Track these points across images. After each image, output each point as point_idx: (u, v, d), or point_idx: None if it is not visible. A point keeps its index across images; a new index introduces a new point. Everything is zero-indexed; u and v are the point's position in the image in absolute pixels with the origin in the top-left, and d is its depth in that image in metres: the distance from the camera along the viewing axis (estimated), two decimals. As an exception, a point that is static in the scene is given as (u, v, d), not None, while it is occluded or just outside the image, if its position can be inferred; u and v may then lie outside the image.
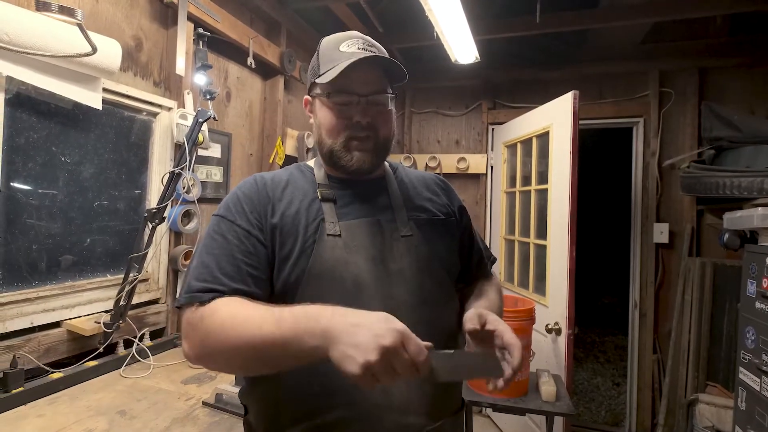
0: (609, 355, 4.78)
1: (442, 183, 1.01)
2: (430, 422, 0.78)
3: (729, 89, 2.85)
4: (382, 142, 0.86)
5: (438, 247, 0.87)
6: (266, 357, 0.66)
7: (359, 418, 0.74)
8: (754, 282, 1.90)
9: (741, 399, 1.90)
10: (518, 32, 2.77)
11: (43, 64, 1.26)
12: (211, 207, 2.09)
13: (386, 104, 0.86)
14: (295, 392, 0.76)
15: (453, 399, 0.87)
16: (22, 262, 1.34)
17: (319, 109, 0.86)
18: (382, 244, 0.81)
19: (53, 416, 1.14)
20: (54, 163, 1.41)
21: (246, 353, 0.67)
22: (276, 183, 0.85)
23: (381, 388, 0.73)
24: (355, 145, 0.83)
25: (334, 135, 0.84)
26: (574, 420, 3.15)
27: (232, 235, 0.77)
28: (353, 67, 0.78)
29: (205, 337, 0.69)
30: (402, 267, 0.81)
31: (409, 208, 0.88)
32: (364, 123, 0.82)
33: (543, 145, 2.62)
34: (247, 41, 2.13)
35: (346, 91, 0.82)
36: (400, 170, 0.98)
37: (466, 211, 1.01)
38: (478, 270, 1.01)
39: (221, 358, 0.70)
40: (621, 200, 3.97)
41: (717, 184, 2.35)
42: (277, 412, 0.79)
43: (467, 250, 0.99)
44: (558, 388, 1.93)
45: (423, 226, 0.87)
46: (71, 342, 1.42)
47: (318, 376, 0.75)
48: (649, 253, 2.98)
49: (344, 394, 0.74)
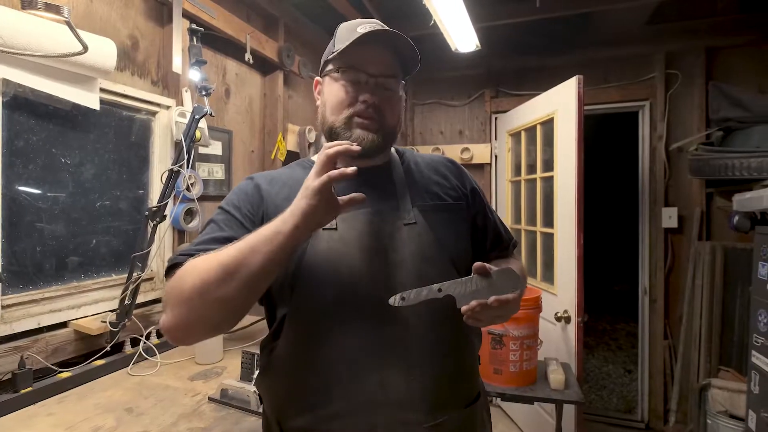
0: (620, 342, 4.74)
1: (452, 165, 0.97)
2: (431, 417, 0.76)
3: (737, 68, 2.78)
4: (387, 128, 0.84)
5: (444, 234, 0.84)
6: (237, 266, 0.64)
7: (357, 411, 0.74)
8: (765, 264, 1.87)
9: (754, 383, 1.87)
10: (518, 18, 2.72)
11: (39, 66, 1.26)
12: (214, 204, 2.10)
13: (395, 90, 0.85)
14: (297, 385, 0.78)
15: (462, 392, 0.84)
16: (27, 263, 1.35)
17: (327, 87, 0.86)
18: (382, 233, 0.80)
19: (62, 414, 1.16)
20: (55, 165, 1.42)
21: (215, 276, 0.65)
22: (274, 179, 0.87)
23: (378, 382, 0.74)
24: (357, 123, 0.81)
25: (337, 111, 0.82)
26: (586, 408, 3.13)
27: (223, 224, 0.80)
28: (366, 43, 0.78)
29: (177, 293, 0.68)
30: (403, 256, 0.79)
31: (414, 195, 0.86)
32: (370, 102, 0.80)
33: (548, 132, 2.58)
34: (244, 37, 2.12)
35: (356, 67, 0.81)
36: (408, 155, 0.95)
37: (480, 193, 0.97)
38: (494, 252, 0.97)
39: (197, 297, 0.66)
40: (628, 186, 3.91)
41: (726, 165, 2.30)
42: (283, 404, 0.80)
43: (481, 233, 0.95)
44: (567, 376, 1.91)
45: (428, 212, 0.84)
46: (78, 341, 1.43)
47: (316, 370, 0.76)
48: (658, 239, 2.93)
49: (341, 388, 0.74)
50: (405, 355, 0.76)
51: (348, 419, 0.74)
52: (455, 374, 0.81)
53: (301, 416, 0.77)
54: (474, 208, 0.93)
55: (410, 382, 0.75)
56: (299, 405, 0.77)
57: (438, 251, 0.82)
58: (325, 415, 0.75)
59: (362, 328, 0.75)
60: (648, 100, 2.96)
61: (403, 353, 0.76)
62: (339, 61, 0.82)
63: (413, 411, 0.75)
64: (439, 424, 0.76)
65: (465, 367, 0.85)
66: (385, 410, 0.74)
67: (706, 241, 2.75)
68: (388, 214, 0.82)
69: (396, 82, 0.85)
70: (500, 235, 0.98)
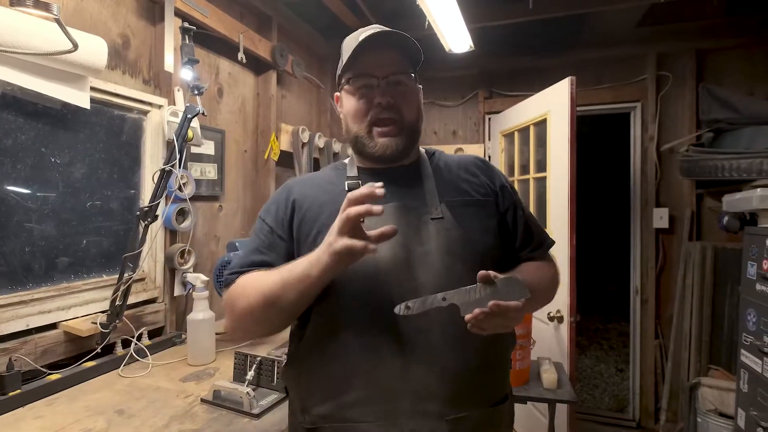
0: (612, 342, 4.78)
1: (481, 163, 0.99)
2: (453, 411, 0.76)
3: (727, 71, 2.81)
4: (407, 124, 0.87)
5: (471, 229, 0.85)
6: (276, 297, 0.76)
7: (378, 399, 0.76)
8: (754, 264, 1.89)
9: (743, 381, 1.89)
10: (512, 19, 2.73)
11: (28, 64, 1.25)
12: (206, 204, 2.09)
13: (408, 84, 0.88)
14: (321, 373, 0.82)
15: (487, 390, 0.84)
16: (16, 264, 1.33)
17: (344, 99, 0.91)
18: (409, 227, 0.81)
19: (52, 417, 1.14)
20: (44, 165, 1.40)
21: (262, 300, 0.77)
22: (306, 182, 0.95)
23: (400, 372, 0.76)
24: (379, 131, 0.86)
25: (358, 120, 0.87)
26: (578, 407, 3.15)
27: (260, 233, 0.91)
28: (370, 48, 0.82)
29: (233, 305, 0.82)
30: (428, 249, 0.81)
31: (442, 191, 0.88)
32: (385, 104, 0.84)
33: (541, 133, 2.59)
34: (237, 36, 2.11)
35: (365, 73, 0.85)
36: (438, 155, 0.98)
37: (512, 191, 0.97)
38: (525, 252, 0.96)
39: (248, 314, 0.80)
40: (620, 186, 3.94)
41: (716, 166, 2.33)
42: (307, 393, 0.84)
43: (511, 230, 0.94)
44: (560, 376, 1.92)
45: (456, 208, 0.86)
46: (68, 343, 1.41)
47: (340, 358, 0.79)
48: (650, 239, 2.96)
49: (364, 377, 0.77)
50: (428, 346, 0.77)
51: (369, 407, 0.77)
52: (480, 370, 0.81)
53: (324, 403, 0.80)
54: (504, 206, 0.94)
55: (432, 374, 0.76)
56: (323, 392, 0.81)
57: (465, 246, 0.83)
58: (347, 403, 0.77)
59: (386, 319, 0.76)
60: (639, 102, 2.99)
61: (427, 345, 0.77)
62: (349, 72, 0.87)
63: (434, 402, 0.76)
64: (460, 419, 0.77)
65: (491, 365, 0.84)
66: (405, 400, 0.76)
67: (696, 242, 2.78)
68: (416, 208, 0.84)
69: (407, 77, 0.88)
70: (531, 235, 0.97)
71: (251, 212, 2.40)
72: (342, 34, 0.99)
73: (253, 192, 2.42)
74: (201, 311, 1.54)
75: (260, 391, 1.26)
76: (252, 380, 1.27)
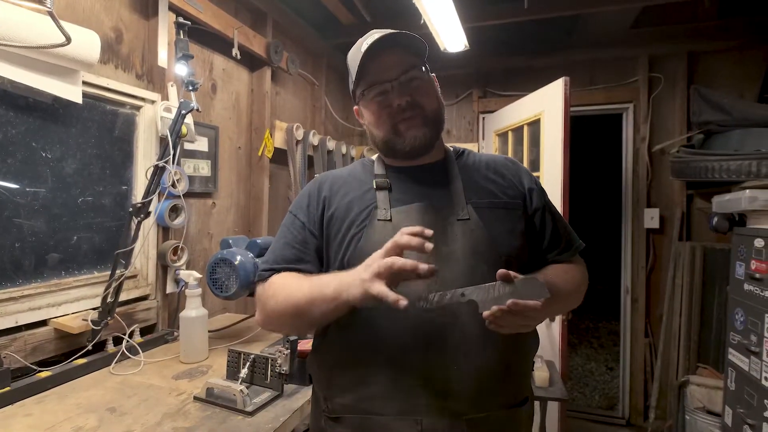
0: (602, 341, 4.83)
1: (511, 164, 0.98)
2: (473, 410, 0.76)
3: (718, 73, 2.85)
4: (430, 114, 0.88)
5: (497, 231, 0.85)
6: (304, 310, 0.78)
7: (398, 394, 0.77)
8: (742, 264, 1.92)
9: (730, 379, 1.93)
10: (506, 19, 2.74)
11: (19, 57, 1.23)
12: (200, 201, 2.07)
13: (421, 78, 0.89)
14: (344, 365, 0.84)
15: (508, 391, 0.83)
16: (5, 260, 1.31)
17: (365, 111, 0.92)
18: (435, 227, 0.79)
19: (41, 415, 1.13)
20: (35, 159, 1.38)
21: (291, 310, 0.81)
22: (335, 178, 0.95)
23: (421, 368, 0.77)
24: (404, 128, 0.87)
25: (382, 126, 0.89)
26: (569, 405, 3.18)
27: (292, 227, 0.93)
28: (374, 55, 0.83)
29: (264, 304, 0.87)
30: (453, 249, 0.81)
31: (469, 192, 0.88)
32: (404, 104, 0.85)
33: (534, 132, 2.61)
34: (231, 32, 2.10)
35: (377, 81, 0.86)
36: (467, 155, 0.98)
37: (541, 193, 0.96)
38: (553, 254, 0.94)
39: (276, 317, 0.85)
40: (612, 187, 3.98)
41: (706, 168, 2.36)
42: (330, 383, 0.87)
43: (538, 232, 0.93)
44: (551, 374, 1.94)
45: (482, 209, 0.86)
46: (59, 340, 1.40)
47: (362, 352, 0.81)
48: (640, 239, 2.99)
49: (385, 371, 0.78)
50: (450, 344, 0.77)
51: (389, 401, 0.78)
52: (501, 371, 0.81)
53: (345, 394, 0.83)
54: (532, 208, 0.93)
55: (453, 372, 0.77)
56: (345, 384, 0.83)
57: (490, 247, 0.83)
58: (368, 395, 0.79)
59: (409, 316, 0.76)
60: (632, 103, 3.02)
61: (449, 342, 0.77)
62: (362, 84, 0.88)
63: (453, 400, 0.77)
64: (478, 419, 0.77)
65: (513, 367, 0.84)
66: (425, 396, 0.77)
67: (686, 242, 2.81)
68: (442, 209, 0.85)
69: (418, 71, 0.88)
70: (559, 237, 0.95)
71: (244, 209, 2.39)
72: (337, 31, 1.00)
73: (246, 189, 2.41)
74: (194, 308, 1.53)
75: (254, 389, 1.26)
76: (245, 378, 1.26)
